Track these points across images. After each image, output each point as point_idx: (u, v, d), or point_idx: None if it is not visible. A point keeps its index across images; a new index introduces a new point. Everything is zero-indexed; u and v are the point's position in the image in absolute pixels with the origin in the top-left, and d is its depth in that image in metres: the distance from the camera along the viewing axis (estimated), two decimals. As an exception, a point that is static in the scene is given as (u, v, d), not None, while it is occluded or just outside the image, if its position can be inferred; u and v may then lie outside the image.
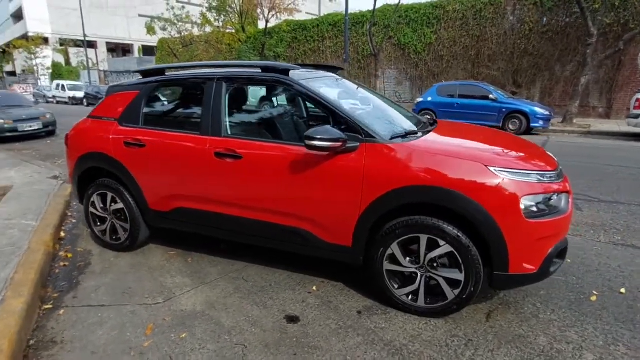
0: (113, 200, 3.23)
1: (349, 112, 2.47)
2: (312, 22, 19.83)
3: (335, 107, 2.48)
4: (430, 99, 11.90)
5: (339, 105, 2.49)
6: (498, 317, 2.40)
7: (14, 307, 2.28)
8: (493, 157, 2.25)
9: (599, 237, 3.55)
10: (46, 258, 3.06)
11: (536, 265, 2.18)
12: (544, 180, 2.20)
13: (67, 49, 39.44)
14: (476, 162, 2.17)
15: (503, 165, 2.16)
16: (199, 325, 2.34)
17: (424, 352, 2.09)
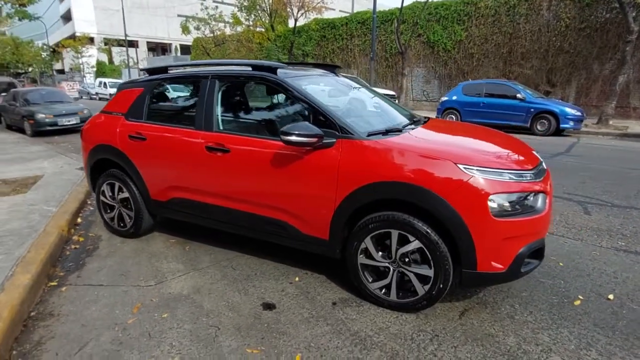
0: (120, 189, 3.47)
1: (328, 109, 2.54)
2: (340, 20, 19.86)
3: (315, 104, 2.56)
4: (455, 98, 11.65)
5: (318, 103, 2.57)
6: (471, 316, 2.40)
7: (20, 282, 2.53)
8: (465, 154, 2.25)
9: (601, 242, 3.42)
10: (58, 240, 3.34)
11: (505, 264, 2.17)
12: (517, 179, 2.19)
13: (110, 48, 41.56)
14: (445, 160, 2.18)
15: (473, 163, 2.16)
16: (181, 307, 2.50)
17: (387, 344, 2.14)
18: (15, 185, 5.08)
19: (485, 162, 2.19)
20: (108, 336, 2.22)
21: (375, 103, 3.38)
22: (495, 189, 2.10)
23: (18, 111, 10.84)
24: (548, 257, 3.11)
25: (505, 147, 2.60)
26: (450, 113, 11.77)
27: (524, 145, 2.79)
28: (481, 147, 2.52)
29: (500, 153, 2.45)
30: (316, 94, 2.72)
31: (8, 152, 7.69)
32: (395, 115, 3.18)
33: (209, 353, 2.08)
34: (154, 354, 2.07)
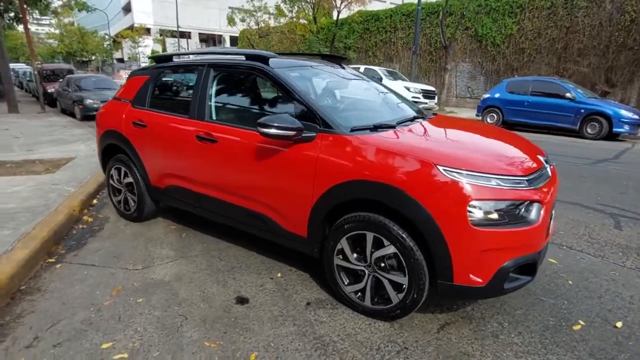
0: (125, 174, 3.59)
1: (311, 101, 2.43)
2: (385, 13, 19.37)
3: (299, 96, 2.46)
4: (498, 96, 10.99)
5: (303, 95, 2.47)
6: (451, 331, 2.22)
7: (16, 257, 2.68)
8: (447, 155, 2.06)
9: (627, 261, 3.04)
10: (66, 220, 3.51)
11: (485, 278, 1.97)
12: (506, 185, 1.97)
13: (164, 38, 43.50)
14: (425, 160, 2.01)
15: (454, 166, 1.97)
16: (158, 294, 2.53)
17: (350, 352, 2.03)
18: (49, 165, 5.44)
19: (469, 165, 1.99)
20: (81, 315, 2.29)
21: (379, 97, 3.21)
22: (478, 195, 1.90)
23: (70, 96, 11.64)
24: (557, 274, 2.82)
25: (503, 149, 2.37)
26: (491, 112, 11.12)
27: (529, 148, 2.52)
28: (472, 149, 2.31)
29: (493, 156, 2.23)
30: (305, 86, 2.62)
31: (54, 134, 8.27)
32: (397, 110, 3.00)
33: (168, 342, 2.08)
34: (117, 338, 2.10)
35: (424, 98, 13.18)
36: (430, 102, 13.48)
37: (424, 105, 13.23)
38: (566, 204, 4.32)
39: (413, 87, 13.12)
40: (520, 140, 2.70)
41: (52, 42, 55.12)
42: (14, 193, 4.05)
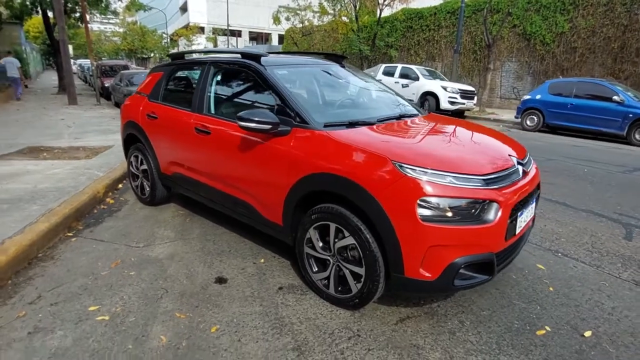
0: (141, 161, 3.93)
1: (290, 97, 2.57)
2: (429, 10, 18.92)
3: (280, 92, 2.61)
4: (539, 97, 10.44)
5: (283, 91, 2.61)
6: (410, 324, 2.28)
7: (38, 229, 3.08)
8: (405, 151, 2.12)
9: (623, 272, 2.89)
10: (90, 200, 3.92)
11: (434, 273, 2.02)
12: (460, 183, 2.00)
13: (216, 37, 45.36)
14: (381, 155, 2.09)
15: (409, 162, 2.03)
16: (149, 269, 2.80)
17: (303, 333, 2.15)
18: (89, 152, 6.02)
19: (423, 162, 2.04)
20: (80, 282, 2.61)
21: (371, 95, 3.29)
22: (429, 191, 1.95)
23: (122, 90, 12.57)
24: (540, 279, 2.76)
25: (469, 148, 2.38)
26: (531, 114, 10.60)
27: (503, 149, 2.50)
28: (437, 147, 2.35)
29: (454, 154, 2.25)
30: (291, 83, 2.76)
31: (102, 124, 9.03)
32: (385, 108, 3.06)
33: (145, 310, 2.32)
34: (104, 302, 2.38)
35: (462, 98, 12.80)
36: (468, 102, 13.06)
37: (461, 106, 12.86)
38: (579, 211, 4.12)
39: (450, 87, 12.77)
40: (498, 140, 2.68)
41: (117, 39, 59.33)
42: (52, 175, 4.57)
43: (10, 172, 4.58)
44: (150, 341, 2.06)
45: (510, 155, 2.38)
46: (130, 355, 1.96)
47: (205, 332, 2.14)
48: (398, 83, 14.09)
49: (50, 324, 2.18)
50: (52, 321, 2.20)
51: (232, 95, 3.15)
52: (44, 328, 2.14)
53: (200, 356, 1.97)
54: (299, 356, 1.99)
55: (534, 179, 2.44)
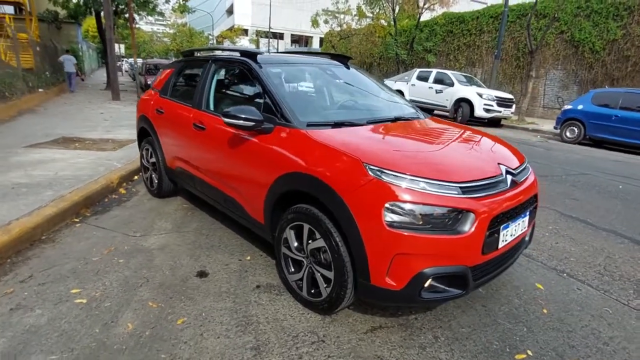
0: (151, 154, 4.08)
1: (277, 96, 2.55)
2: (471, 15, 18.34)
3: (268, 91, 2.60)
4: (581, 108, 9.80)
5: (271, 89, 2.60)
6: (380, 334, 2.18)
7: (45, 212, 3.26)
8: (378, 154, 2.04)
9: (633, 300, 2.63)
10: (102, 189, 4.11)
11: (400, 283, 1.92)
12: (432, 190, 1.89)
13: (258, 39, 46.45)
14: (354, 157, 2.02)
15: (381, 165, 1.95)
16: (137, 258, 2.89)
17: (267, 334, 2.13)
18: (116, 145, 6.32)
19: (395, 166, 1.95)
20: (71, 265, 2.73)
21: (370, 97, 3.21)
22: (397, 196, 1.86)
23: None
24: (535, 300, 2.57)
25: (453, 154, 2.26)
26: (571, 125, 9.97)
27: (493, 157, 2.34)
28: (419, 151, 2.24)
29: (434, 159, 2.14)
30: (281, 82, 2.75)
31: (132, 119, 9.46)
32: (381, 110, 2.98)
33: (122, 297, 2.39)
34: (86, 287, 2.47)
35: (498, 106, 12.25)
36: (505, 110, 12.48)
37: (497, 114, 12.32)
38: (599, 230, 3.80)
39: (487, 94, 12.27)
40: (491, 147, 2.53)
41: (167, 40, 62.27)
42: (74, 164, 4.84)
43: (38, 160, 4.90)
44: (117, 327, 2.11)
45: (500, 164, 2.23)
46: (95, 338, 2.02)
47: (171, 324, 2.17)
48: (432, 88, 13.76)
49: (33, 302, 2.29)
50: (34, 300, 2.31)
51: (229, 92, 3.20)
52: (25, 306, 2.25)
53: (159, 346, 1.99)
54: (255, 356, 1.96)
55: (526, 191, 2.27)
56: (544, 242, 3.48)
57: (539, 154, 8.01)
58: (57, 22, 21.60)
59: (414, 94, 14.49)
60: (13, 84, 9.84)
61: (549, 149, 8.93)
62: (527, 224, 2.35)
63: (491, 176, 2.10)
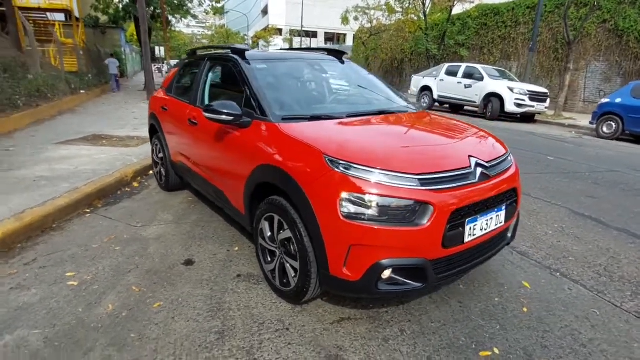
0: (159, 150, 4.29)
1: (256, 91, 2.62)
2: (506, 6, 17.57)
3: (250, 86, 2.68)
4: (619, 101, 9.16)
5: (251, 84, 2.68)
6: (346, 326, 2.20)
7: (57, 203, 3.53)
8: (337, 146, 2.06)
9: (628, 302, 2.47)
10: (116, 183, 4.38)
11: (357, 274, 1.93)
12: (388, 181, 1.88)
13: (292, 38, 46.93)
14: (315, 149, 2.06)
15: (339, 156, 1.97)
16: (133, 246, 3.07)
17: (235, 319, 2.20)
18: (139, 142, 6.67)
19: (355, 157, 1.97)
20: (72, 251, 2.95)
21: (359, 90, 3.23)
22: (352, 188, 1.88)
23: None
24: (517, 298, 2.48)
25: (419, 147, 2.25)
26: (608, 120, 9.34)
27: (472, 149, 2.28)
28: (384, 142, 2.25)
29: (397, 151, 2.13)
30: (264, 77, 2.82)
31: (164, 117, 9.91)
32: (366, 104, 3.00)
33: (109, 281, 2.56)
34: (81, 270, 2.67)
35: (531, 101, 11.68)
36: (538, 105, 11.87)
37: (530, 109, 11.75)
38: (610, 229, 3.57)
39: (518, 88, 11.74)
40: (468, 139, 2.47)
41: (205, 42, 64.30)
42: (96, 159, 5.17)
43: (64, 155, 5.28)
44: (99, 308, 2.27)
45: (471, 156, 2.17)
46: (77, 317, 2.19)
47: (148, 307, 2.30)
48: (461, 83, 13.36)
49: (31, 283, 2.51)
50: (33, 281, 2.53)
51: (219, 89, 3.30)
52: (24, 286, 2.47)
53: (131, 326, 2.12)
54: (218, 339, 2.05)
55: (500, 184, 2.20)
56: (544, 240, 3.33)
57: (567, 151, 7.59)
58: (101, 27, 22.99)
59: (443, 89, 14.14)
60: (56, 86, 10.59)
61: (581, 145, 8.43)
62: (505, 219, 2.27)
63: (456, 168, 2.05)
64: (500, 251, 2.46)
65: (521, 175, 2.53)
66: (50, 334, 2.04)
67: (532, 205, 4.17)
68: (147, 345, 1.98)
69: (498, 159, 2.33)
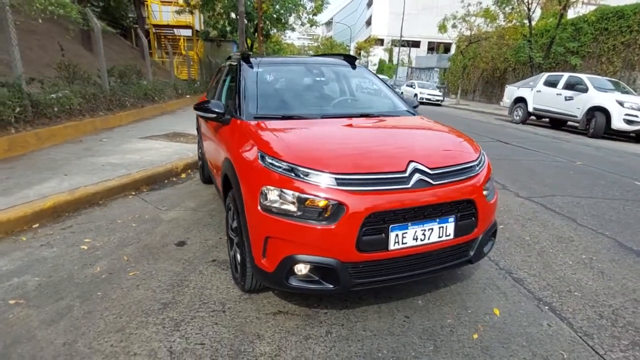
0: (199, 146, 4.82)
1: (241, 92, 2.86)
2: (633, 8, 15.07)
3: (238, 86, 2.94)
4: None
5: (240, 86, 2.92)
6: (279, 318, 2.27)
7: (107, 184, 4.23)
8: (277, 143, 2.19)
9: (617, 352, 2.04)
10: (165, 172, 5.03)
11: (271, 266, 2.01)
12: (305, 179, 1.93)
13: (392, 48, 46.71)
14: (254, 144, 2.20)
15: (268, 152, 2.10)
16: (147, 224, 3.54)
17: (185, 296, 2.43)
18: (208, 140, 7.47)
19: (280, 153, 2.06)
20: (100, 223, 3.53)
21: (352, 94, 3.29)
22: (271, 181, 1.98)
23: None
24: (475, 324, 2.26)
25: (365, 148, 2.20)
26: None
27: (418, 154, 2.16)
28: (322, 142, 2.29)
29: (329, 151, 2.14)
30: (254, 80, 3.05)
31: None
32: (354, 106, 3.04)
33: (111, 249, 3.02)
34: (96, 239, 3.20)
35: (647, 117, 9.84)
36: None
37: (644, 126, 9.90)
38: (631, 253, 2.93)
39: (630, 102, 9.99)
40: (421, 144, 2.36)
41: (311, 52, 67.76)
42: (162, 152, 5.98)
43: (139, 148, 6.22)
44: (89, 268, 2.72)
45: (412, 161, 2.06)
46: (69, 272, 2.66)
47: (125, 273, 2.68)
48: (560, 95, 11.88)
49: (56, 242, 3.10)
50: (59, 241, 3.12)
51: (231, 91, 3.62)
52: (49, 244, 3.07)
53: (103, 287, 2.50)
54: (160, 309, 2.30)
55: (446, 193, 2.04)
56: (556, 270, 2.89)
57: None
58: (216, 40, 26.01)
59: (539, 101, 12.73)
60: (163, 90, 12.37)
61: None
62: (455, 234, 2.10)
63: (385, 171, 1.99)
64: (454, 268, 2.27)
65: (585, 198, 2.29)
66: (43, 281, 2.53)
67: (569, 232, 3.61)
68: (104, 303, 2.33)
69: (452, 166, 2.15)
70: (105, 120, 7.85)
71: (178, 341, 2.03)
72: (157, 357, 1.91)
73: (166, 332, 2.09)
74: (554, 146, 8.84)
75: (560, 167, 6.48)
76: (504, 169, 6.10)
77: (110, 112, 8.39)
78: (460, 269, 2.83)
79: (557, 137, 10.73)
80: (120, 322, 2.16)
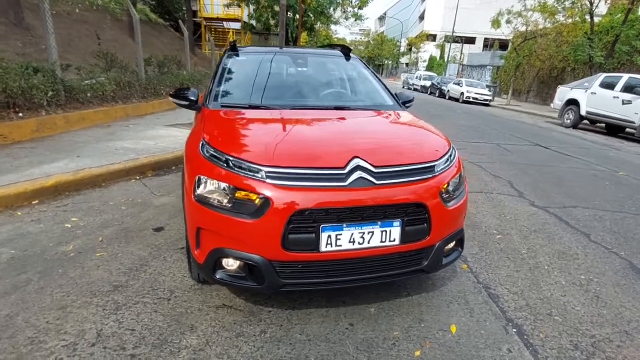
0: (205, 135, 4.89)
1: (216, 79, 2.85)
2: None
3: (214, 76, 2.90)
4: None
5: (216, 74, 2.90)
6: (220, 312, 2.22)
7: (112, 168, 4.41)
8: (220, 132, 2.19)
9: None
10: (172, 159, 5.16)
11: (201, 258, 1.97)
12: (235, 170, 1.87)
13: (444, 44, 44.96)
14: (201, 134, 2.16)
15: (210, 142, 2.06)
16: (135, 209, 3.63)
17: (140, 281, 2.45)
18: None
19: (216, 142, 2.02)
20: (93, 204, 3.68)
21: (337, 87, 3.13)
22: (203, 171, 1.93)
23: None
24: (423, 340, 2.07)
25: (310, 141, 2.09)
26: None
27: (362, 149, 2.00)
28: (265, 133, 2.19)
29: (270, 142, 2.04)
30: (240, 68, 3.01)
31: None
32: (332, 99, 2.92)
33: (92, 229, 3.13)
34: (84, 218, 3.33)
35: None
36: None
37: None
38: None
39: (701, 109, 8.84)
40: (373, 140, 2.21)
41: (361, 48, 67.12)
42: (177, 139, 6.15)
43: (158, 135, 6.45)
44: (63, 246, 2.84)
45: (357, 158, 1.91)
46: (44, 248, 2.78)
47: (93, 254, 2.76)
48: (618, 99, 10.79)
49: (46, 219, 3.27)
50: (49, 218, 3.29)
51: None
52: (39, 220, 3.25)
53: (67, 265, 2.59)
54: (112, 291, 2.34)
55: (391, 195, 1.87)
56: (544, 289, 2.59)
57: None
58: (263, 34, 26.51)
59: (593, 105, 11.64)
60: (201, 81, 12.79)
61: None
62: (401, 240, 1.92)
63: (321, 167, 1.85)
64: (404, 278, 2.09)
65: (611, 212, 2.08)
66: (17, 255, 2.67)
67: (576, 248, 3.23)
68: (60, 280, 2.41)
69: (402, 166, 1.97)
70: (137, 107, 8.23)
71: (111, 325, 2.04)
72: (85, 338, 1.94)
73: (104, 315, 2.12)
74: (600, 154, 8.03)
75: (596, 177, 5.86)
76: (530, 176, 5.62)
77: (144, 100, 8.78)
78: (431, 279, 2.62)
79: (607, 144, 9.75)
80: (66, 300, 2.22)
